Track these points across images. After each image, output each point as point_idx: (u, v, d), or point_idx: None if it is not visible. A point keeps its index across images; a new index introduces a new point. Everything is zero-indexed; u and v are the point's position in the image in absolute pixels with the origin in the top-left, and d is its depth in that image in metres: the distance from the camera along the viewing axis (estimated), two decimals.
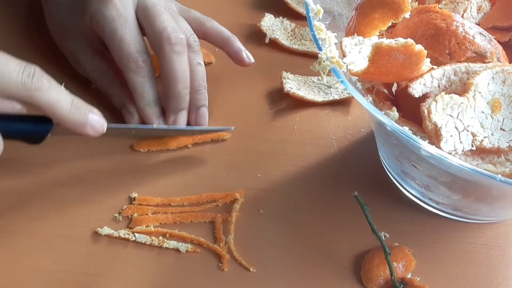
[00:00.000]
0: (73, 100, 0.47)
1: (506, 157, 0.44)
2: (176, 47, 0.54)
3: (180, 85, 0.55)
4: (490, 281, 0.50)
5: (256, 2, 0.72)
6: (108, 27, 0.54)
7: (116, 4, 0.54)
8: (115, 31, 0.53)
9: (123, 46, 0.53)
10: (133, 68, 0.54)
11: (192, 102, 0.57)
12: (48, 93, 0.45)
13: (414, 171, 0.51)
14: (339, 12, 0.53)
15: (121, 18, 0.54)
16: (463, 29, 0.47)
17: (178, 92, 0.55)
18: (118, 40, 0.53)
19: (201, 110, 0.57)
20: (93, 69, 0.58)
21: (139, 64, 0.54)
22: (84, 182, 0.54)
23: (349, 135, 0.59)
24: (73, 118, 0.46)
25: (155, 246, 0.50)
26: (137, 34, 0.55)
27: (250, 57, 0.60)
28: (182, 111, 0.56)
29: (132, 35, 0.54)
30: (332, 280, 0.50)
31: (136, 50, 0.54)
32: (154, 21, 0.54)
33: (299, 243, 0.51)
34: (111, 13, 0.54)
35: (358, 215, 0.50)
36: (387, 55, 0.43)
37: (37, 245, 0.50)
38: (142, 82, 0.54)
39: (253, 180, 0.55)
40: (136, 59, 0.53)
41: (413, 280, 0.49)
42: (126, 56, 0.54)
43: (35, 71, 0.44)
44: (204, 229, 0.52)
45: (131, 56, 0.53)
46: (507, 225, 0.53)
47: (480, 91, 0.44)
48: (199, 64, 0.57)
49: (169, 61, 0.54)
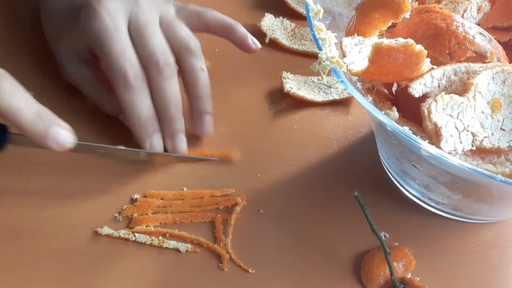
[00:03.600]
0: (38, 110, 0.45)
1: (506, 157, 0.44)
2: (164, 73, 0.52)
3: (171, 109, 0.53)
4: (490, 281, 0.50)
5: (256, 2, 0.72)
6: (96, 40, 0.52)
7: (104, 17, 0.52)
8: (102, 44, 0.51)
9: (111, 59, 0.51)
10: (121, 83, 0.51)
11: (196, 110, 0.55)
12: (9, 98, 0.43)
13: (414, 171, 0.51)
14: (339, 12, 0.53)
15: (109, 31, 0.51)
16: (463, 29, 0.47)
17: (171, 116, 0.53)
18: (106, 52, 0.51)
19: (206, 118, 0.55)
20: (78, 77, 0.57)
21: (127, 78, 0.51)
22: (85, 182, 0.54)
23: (349, 135, 0.59)
24: (35, 129, 0.44)
25: (155, 246, 0.50)
26: (126, 48, 0.52)
27: (257, 43, 0.58)
28: (178, 135, 0.54)
29: (121, 47, 0.51)
30: (332, 280, 0.50)
31: (126, 63, 0.51)
32: (145, 43, 0.52)
33: (299, 243, 0.51)
34: (100, 26, 0.51)
35: (358, 215, 0.50)
36: (387, 55, 0.43)
37: (37, 245, 0.50)
38: (131, 97, 0.51)
39: (253, 180, 0.55)
40: (124, 73, 0.51)
41: (413, 280, 0.49)
42: (113, 69, 0.51)
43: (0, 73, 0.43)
44: (204, 229, 0.52)
45: (119, 69, 0.51)
46: (507, 225, 0.53)
47: (480, 91, 0.44)
48: (202, 69, 0.55)
49: (158, 87, 0.52)
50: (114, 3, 0.53)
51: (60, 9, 0.57)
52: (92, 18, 0.52)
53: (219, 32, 0.58)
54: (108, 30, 0.51)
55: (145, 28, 0.53)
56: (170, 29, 0.55)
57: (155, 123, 0.53)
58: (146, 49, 0.52)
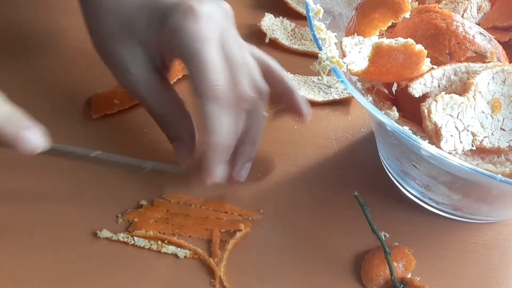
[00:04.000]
0: (9, 112, 0.43)
1: (506, 156, 0.44)
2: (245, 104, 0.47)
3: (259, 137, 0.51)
4: (490, 281, 0.50)
5: (256, 2, 0.72)
6: (192, 46, 0.46)
7: (206, 24, 0.46)
8: (198, 51, 0.45)
9: (203, 69, 0.45)
10: (213, 96, 0.45)
11: (244, 154, 0.51)
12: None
13: (414, 171, 0.51)
14: (339, 12, 0.53)
15: (207, 40, 0.46)
16: (463, 29, 0.47)
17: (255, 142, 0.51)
18: (199, 60, 0.45)
19: (248, 164, 0.52)
20: (146, 86, 0.50)
21: (219, 93, 0.45)
22: (85, 182, 0.54)
23: (349, 135, 0.59)
24: (4, 131, 0.42)
25: (153, 250, 0.50)
26: (222, 62, 0.46)
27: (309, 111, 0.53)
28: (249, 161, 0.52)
29: (218, 60, 0.46)
30: (332, 280, 0.50)
31: (219, 78, 0.46)
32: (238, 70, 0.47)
33: (299, 243, 0.51)
34: (199, 32, 0.46)
35: (358, 215, 0.50)
36: (387, 55, 0.43)
37: (37, 246, 0.50)
38: (220, 114, 0.46)
39: (253, 180, 0.55)
40: (217, 87, 0.45)
41: (413, 280, 0.49)
42: (206, 81, 0.45)
43: None
44: (202, 241, 0.51)
45: (214, 82, 0.45)
46: (507, 225, 0.53)
47: (480, 91, 0.44)
48: (264, 116, 0.51)
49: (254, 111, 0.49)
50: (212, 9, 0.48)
51: (133, 3, 0.49)
52: (191, 21, 0.46)
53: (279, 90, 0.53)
54: (208, 39, 0.46)
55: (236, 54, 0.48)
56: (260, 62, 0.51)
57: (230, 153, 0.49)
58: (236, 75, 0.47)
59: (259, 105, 0.50)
